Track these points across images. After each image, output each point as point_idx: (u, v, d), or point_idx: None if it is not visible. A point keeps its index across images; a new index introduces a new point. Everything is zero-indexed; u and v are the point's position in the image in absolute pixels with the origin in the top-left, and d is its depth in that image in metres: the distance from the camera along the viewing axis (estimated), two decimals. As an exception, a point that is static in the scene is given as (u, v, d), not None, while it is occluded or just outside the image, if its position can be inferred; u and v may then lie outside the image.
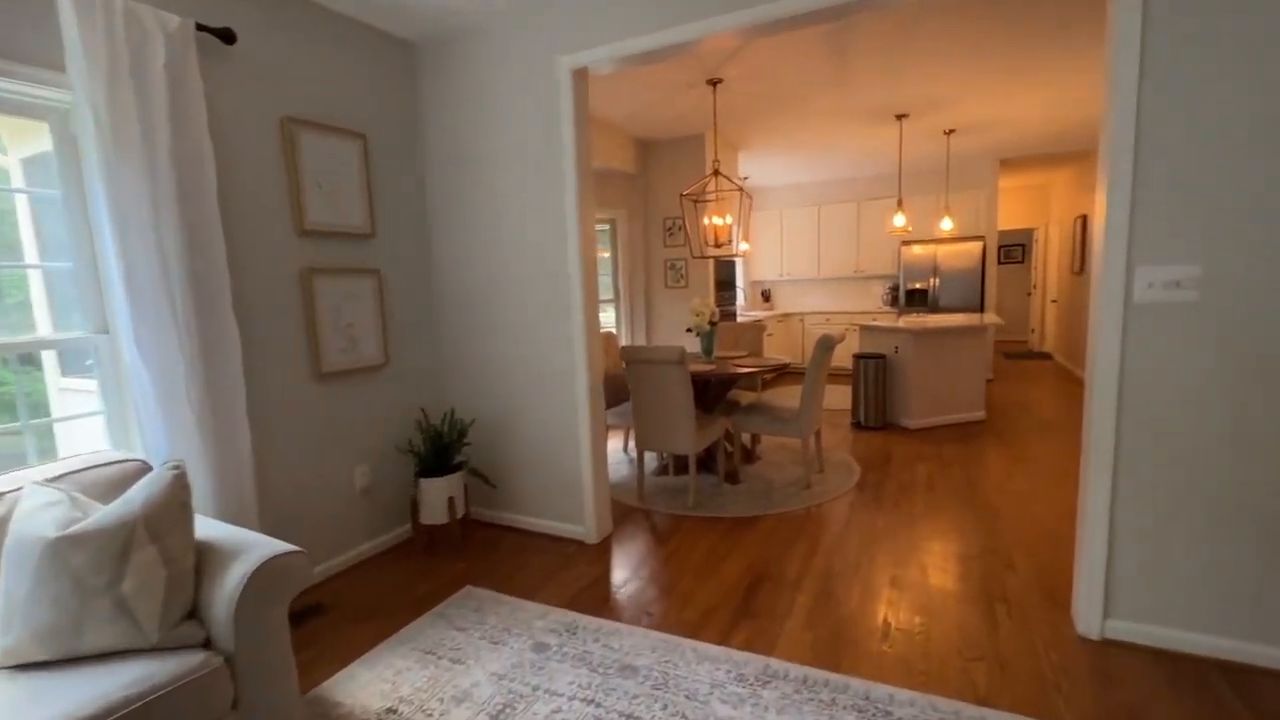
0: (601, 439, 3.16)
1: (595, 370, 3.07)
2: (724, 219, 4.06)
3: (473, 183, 3.18)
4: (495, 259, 3.18)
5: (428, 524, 3.03)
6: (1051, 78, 4.32)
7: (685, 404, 3.44)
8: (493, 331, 3.25)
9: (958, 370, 5.23)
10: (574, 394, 3.07)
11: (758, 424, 3.91)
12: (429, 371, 3.36)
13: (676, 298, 5.83)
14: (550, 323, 3.08)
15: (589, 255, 3.01)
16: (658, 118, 4.92)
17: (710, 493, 3.79)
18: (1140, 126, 1.92)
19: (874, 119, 5.22)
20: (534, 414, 3.20)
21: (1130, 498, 2.06)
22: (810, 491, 3.73)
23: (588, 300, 3.00)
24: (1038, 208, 9.65)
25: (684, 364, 3.36)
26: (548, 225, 3.01)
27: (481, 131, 3.11)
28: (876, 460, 4.35)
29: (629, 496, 3.78)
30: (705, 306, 4.09)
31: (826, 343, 3.66)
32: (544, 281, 3.07)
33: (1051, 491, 3.60)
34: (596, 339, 3.10)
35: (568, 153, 2.90)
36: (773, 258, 8.78)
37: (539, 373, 3.15)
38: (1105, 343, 2.03)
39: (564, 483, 3.18)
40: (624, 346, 3.53)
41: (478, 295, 3.26)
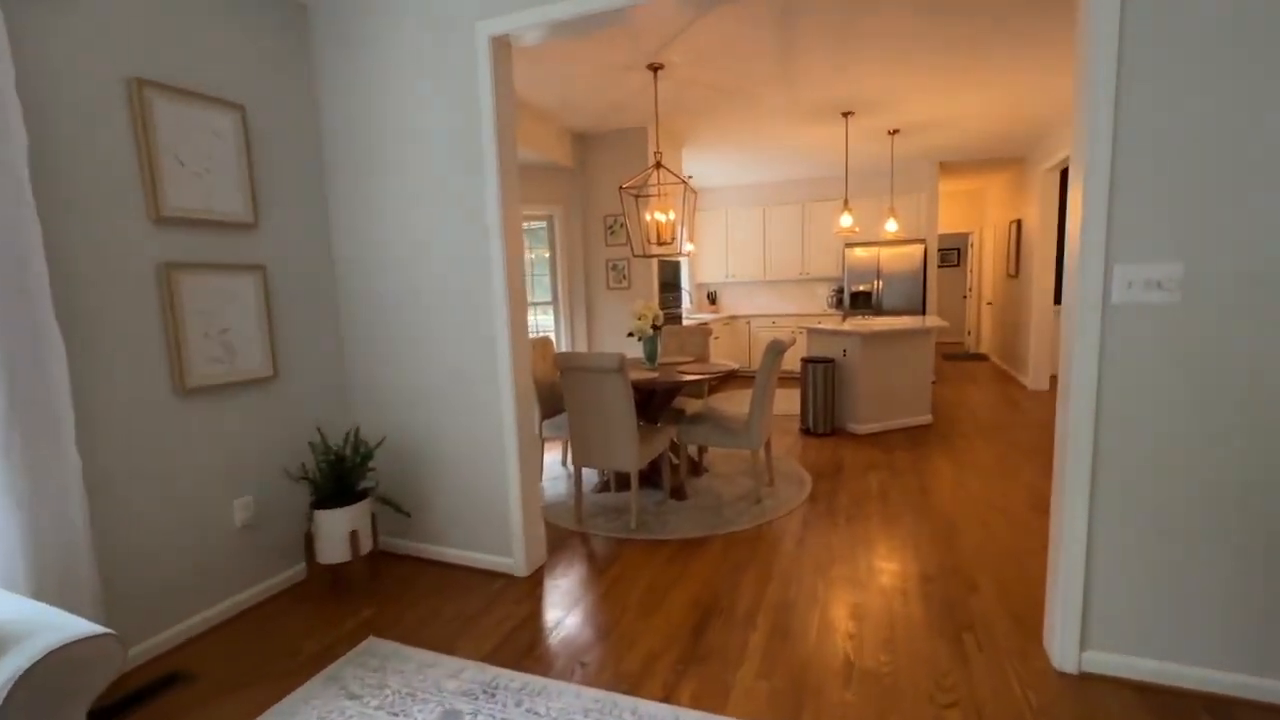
0: (532, 458, 2.81)
1: (523, 381, 2.72)
2: (666, 215, 3.78)
3: (381, 169, 2.77)
4: (408, 256, 2.78)
5: (327, 563, 2.59)
6: (996, 77, 4.25)
7: (626, 416, 3.13)
8: (406, 338, 2.85)
9: (905, 374, 5.14)
10: (498, 408, 2.70)
11: (705, 435, 3.64)
12: (332, 384, 2.92)
13: (619, 300, 5.52)
14: (471, 328, 2.71)
15: (514, 253, 2.66)
16: (595, 106, 4.60)
17: (655, 511, 3.49)
18: (1119, 114, 1.74)
19: (820, 116, 5.07)
20: (454, 431, 2.82)
21: (1109, 519, 1.88)
22: (761, 507, 3.49)
23: (513, 303, 2.65)
24: (973, 212, 9.88)
25: (624, 372, 3.05)
26: (467, 219, 2.64)
27: (390, 111, 2.71)
28: (828, 469, 4.16)
29: (566, 518, 3.44)
30: (648, 309, 3.80)
31: (776, 348, 3.43)
32: (463, 282, 2.69)
33: (1004, 499, 3.48)
34: (524, 346, 2.75)
35: (488, 136, 2.53)
36: (718, 259, 8.60)
37: (458, 385, 2.77)
38: (1081, 349, 1.84)
39: (489, 509, 2.80)
40: (559, 353, 3.18)
41: (389, 297, 2.85)
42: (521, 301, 2.71)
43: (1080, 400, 1.86)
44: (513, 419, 2.67)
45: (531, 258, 5.68)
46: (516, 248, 2.67)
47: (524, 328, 2.73)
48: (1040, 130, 5.90)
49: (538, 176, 5.33)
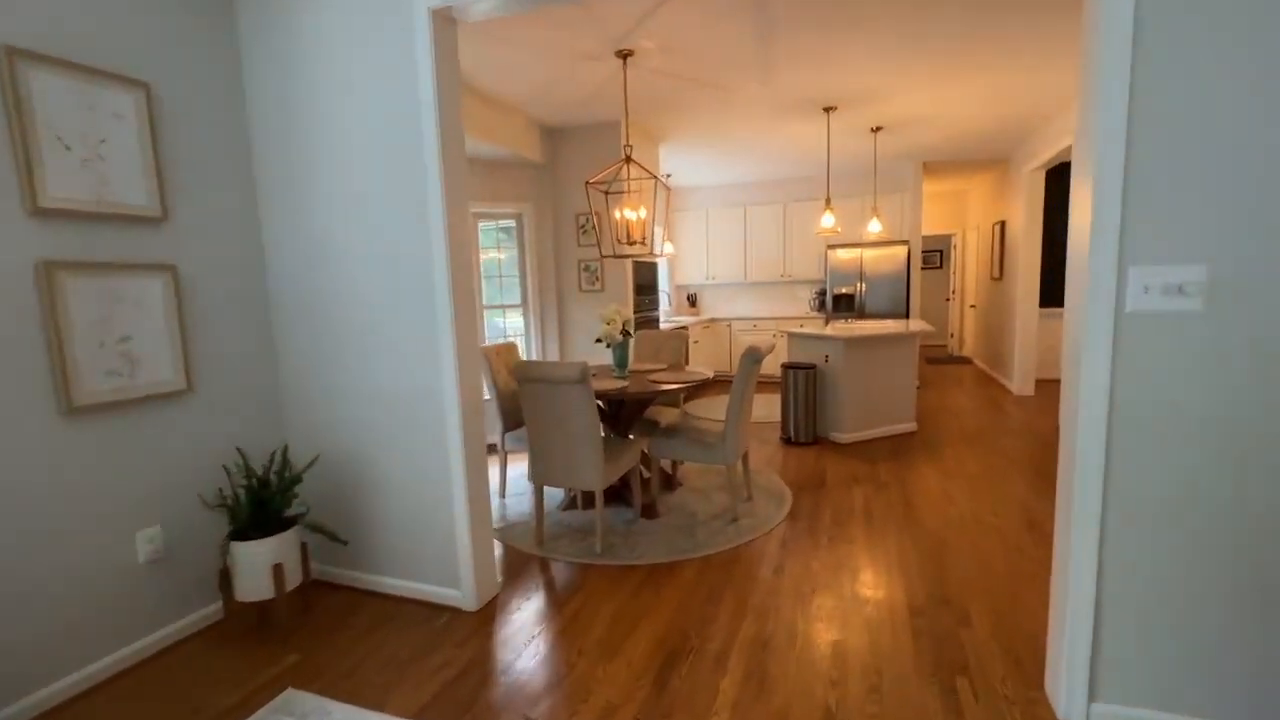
0: (482, 481, 2.54)
1: (471, 395, 2.44)
2: (638, 213, 3.53)
3: (315, 159, 2.48)
4: (345, 258, 2.49)
5: (247, 600, 2.29)
6: (982, 72, 4.06)
7: (590, 431, 2.87)
8: (344, 348, 2.56)
9: (889, 380, 4.94)
10: (443, 426, 2.43)
11: (678, 449, 3.39)
12: (260, 399, 2.62)
13: (592, 302, 5.25)
14: (412, 338, 2.43)
15: (460, 255, 2.38)
16: (564, 98, 4.34)
17: (623, 532, 3.23)
18: (1134, 95, 1.52)
19: (801, 111, 4.86)
20: (396, 450, 2.54)
21: (1123, 558, 1.66)
22: (738, 526, 3.24)
23: (459, 309, 2.37)
24: (955, 214, 9.76)
25: (586, 383, 2.79)
26: (407, 217, 2.36)
27: (323, 95, 2.42)
28: (809, 483, 3.93)
29: (526, 540, 3.16)
30: (616, 314, 3.54)
31: (754, 355, 3.19)
32: (402, 286, 2.41)
33: (994, 516, 3.27)
34: (472, 357, 2.47)
35: (429, 124, 2.26)
36: (698, 261, 8.38)
37: (400, 399, 2.49)
38: (1090, 366, 1.62)
39: (434, 537, 2.53)
40: (515, 363, 2.91)
41: (325, 301, 2.56)
42: (469, 308, 2.44)
43: (1088, 424, 1.63)
44: (459, 438, 2.40)
45: (501, 258, 5.40)
46: (463, 247, 2.40)
47: (472, 336, 2.46)
48: (1025, 130, 5.75)
49: (505, 172, 5.05)
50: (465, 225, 2.41)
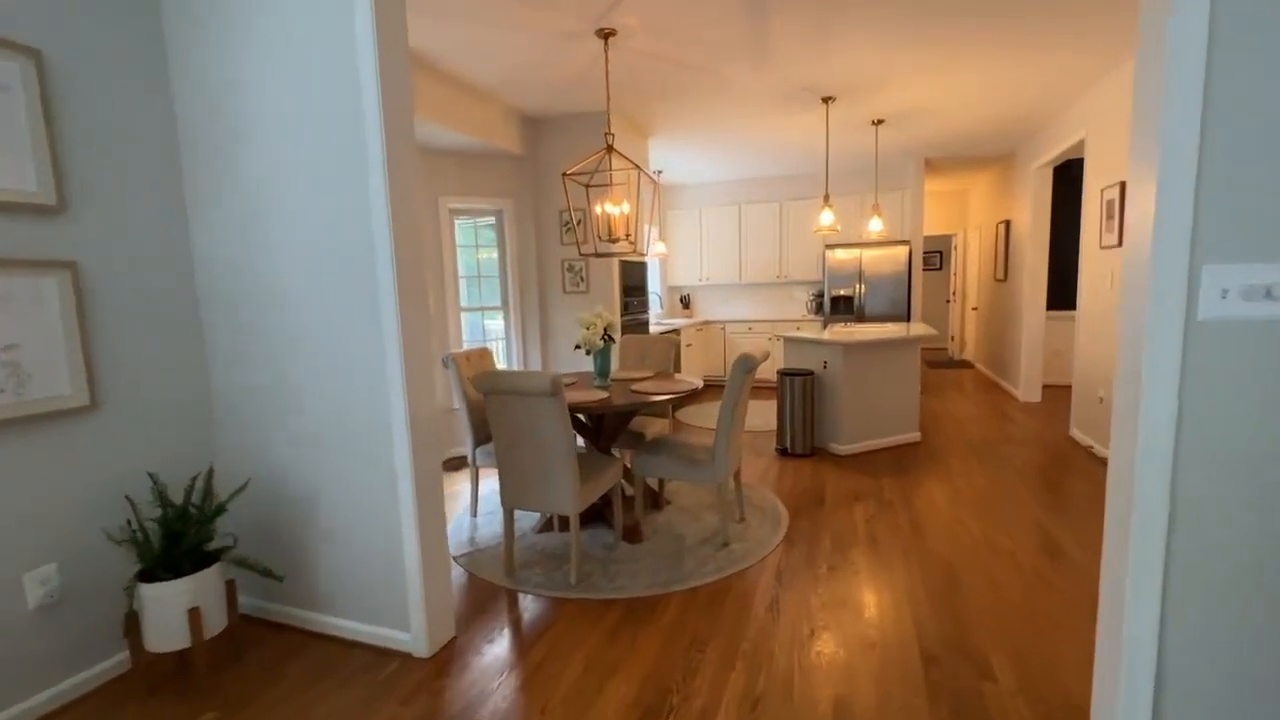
0: (434, 508, 2.23)
1: (421, 412, 2.14)
2: (620, 207, 3.24)
3: (247, 144, 2.17)
4: (282, 254, 2.19)
5: (158, 651, 1.98)
6: (991, 59, 3.78)
7: (563, 450, 2.56)
8: (279, 356, 2.25)
9: (891, 387, 4.65)
10: (390, 447, 2.12)
11: (663, 467, 3.09)
12: (187, 416, 2.30)
13: (576, 304, 4.95)
14: (355, 346, 2.12)
15: (408, 251, 2.08)
16: (543, 83, 4.04)
17: (603, 558, 2.93)
18: (1213, 59, 1.22)
19: (799, 101, 4.57)
20: (338, 472, 2.23)
21: (1190, 617, 1.36)
22: (729, 553, 2.94)
23: (407, 312, 2.07)
24: (956, 213, 9.50)
25: (559, 396, 2.48)
26: (347, 211, 2.06)
27: (252, 69, 2.11)
28: (807, 500, 3.64)
29: (494, 569, 2.86)
30: (597, 318, 3.24)
31: (745, 364, 2.89)
32: (343, 286, 2.11)
33: (1010, 540, 2.98)
34: (424, 366, 2.16)
35: (370, 105, 1.95)
36: (692, 261, 8.08)
37: (341, 414, 2.18)
38: (1151, 387, 1.32)
39: (381, 573, 2.22)
40: (477, 374, 2.61)
41: (259, 304, 2.26)
42: (419, 311, 2.13)
43: (1149, 461, 1.33)
44: (407, 460, 2.09)
45: (481, 258, 5.10)
46: (411, 242, 2.09)
47: (423, 343, 2.15)
48: (1033, 124, 5.47)
49: (482, 165, 4.74)
50: (413, 216, 2.10)
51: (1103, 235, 4.27)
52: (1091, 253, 4.51)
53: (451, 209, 4.71)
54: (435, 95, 3.77)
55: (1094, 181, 4.46)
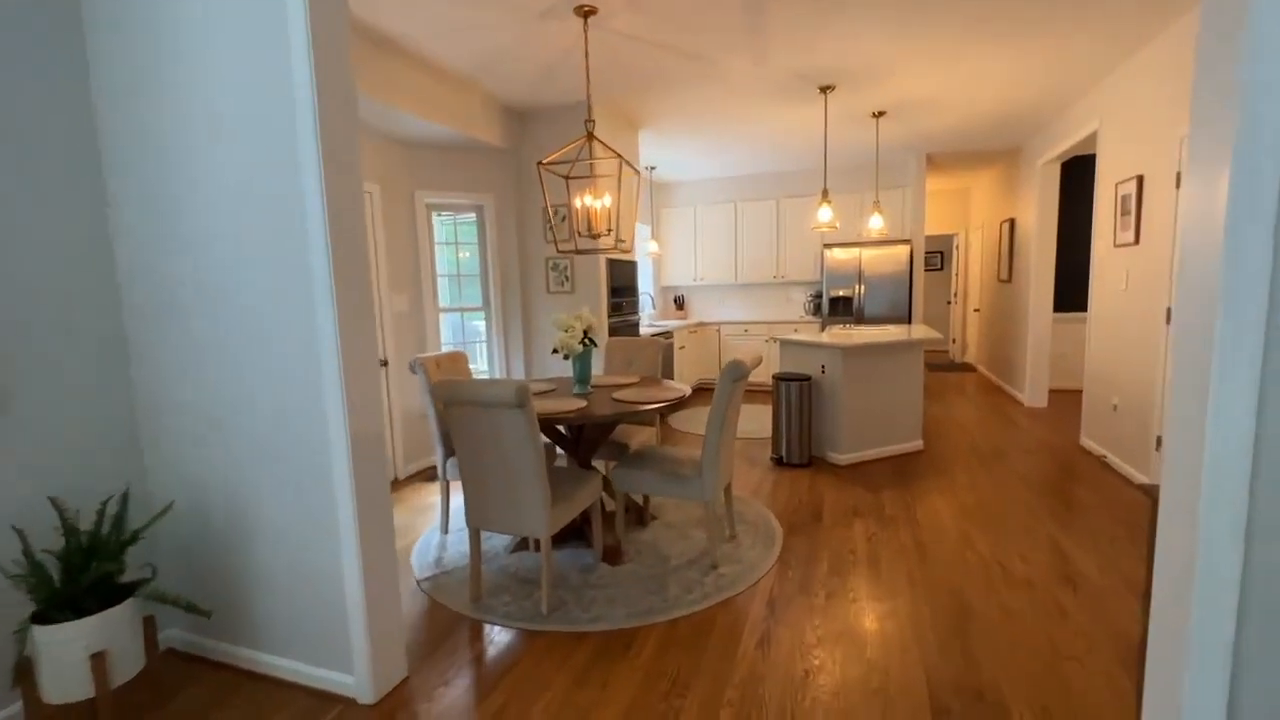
0: (381, 536, 1.97)
1: (365, 428, 1.88)
2: (602, 200, 2.99)
3: (170, 117, 1.92)
4: (208, 244, 1.93)
5: (57, 702, 1.73)
6: (999, 45, 3.53)
7: (531, 467, 2.31)
8: (207, 361, 2.00)
9: (892, 393, 4.41)
10: (328, 468, 1.87)
11: (646, 482, 2.84)
12: (102, 431, 2.05)
13: (561, 305, 4.70)
14: (289, 354, 1.87)
15: (347, 241, 1.82)
16: (521, 69, 3.79)
17: (579, 582, 2.68)
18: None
19: (796, 91, 4.32)
20: (272, 494, 1.98)
21: (1271, 679, 1.11)
22: (717, 576, 2.69)
23: (347, 317, 1.82)
24: (958, 213, 9.26)
25: (526, 408, 2.23)
26: (279, 202, 1.80)
27: (177, 41, 1.86)
28: (803, 516, 3.39)
29: (459, 595, 2.61)
30: (575, 320, 2.99)
31: (734, 372, 2.64)
32: (275, 288, 1.85)
33: (1023, 564, 2.73)
34: (368, 375, 1.91)
35: (301, 83, 1.70)
36: (686, 260, 7.83)
37: (274, 429, 1.93)
38: (1223, 403, 1.08)
39: (319, 606, 1.97)
40: (436, 382, 2.36)
41: (184, 301, 2.00)
42: (362, 315, 1.88)
43: (1220, 487, 1.09)
44: (348, 484, 1.84)
45: (464, 257, 4.85)
46: (351, 247, 1.84)
47: (367, 348, 1.90)
48: (1041, 117, 5.23)
49: (462, 158, 4.49)
50: (355, 205, 1.85)
51: (1117, 233, 4.02)
52: (1104, 252, 4.27)
53: (429, 204, 4.46)
54: (408, 81, 3.52)
55: (1107, 176, 4.22)
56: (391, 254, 4.19)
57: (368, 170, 3.98)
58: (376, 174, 4.05)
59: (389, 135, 4.03)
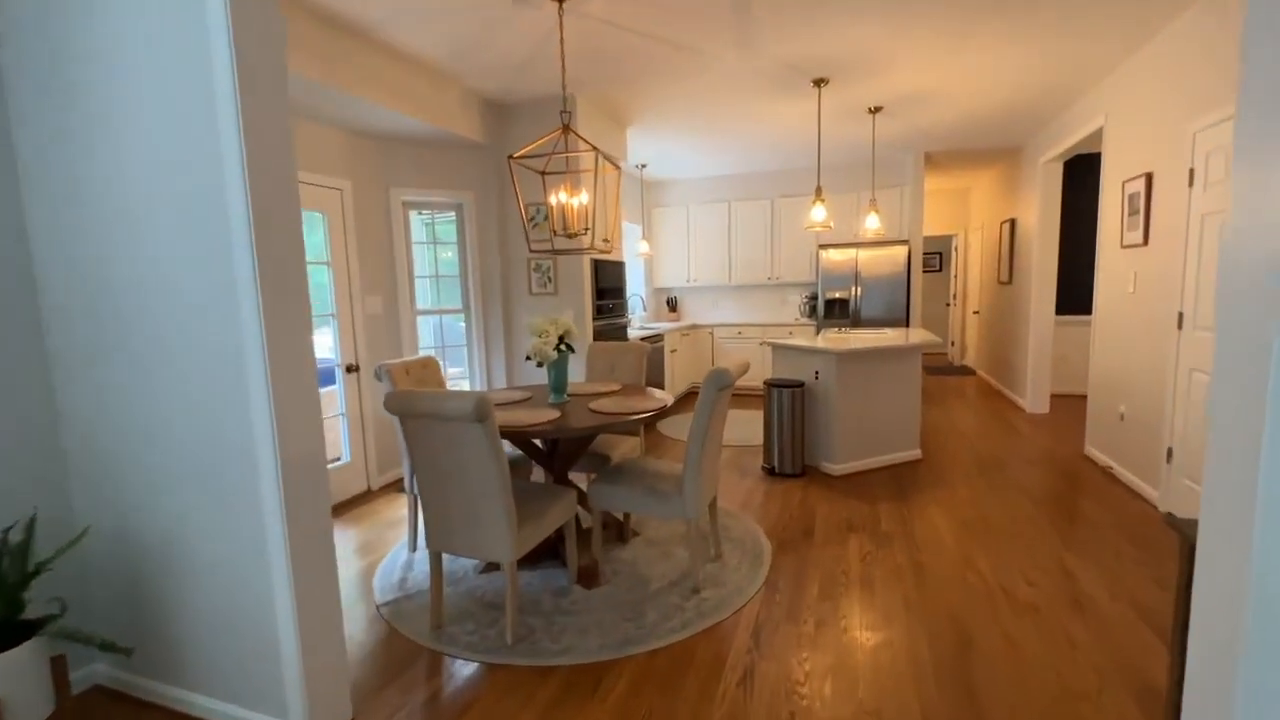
0: (320, 569, 1.78)
1: (300, 446, 1.69)
2: (578, 197, 2.80)
3: (86, 117, 1.73)
4: (122, 255, 1.74)
5: (-54, 756, 1.54)
6: (1002, 36, 3.35)
7: (494, 485, 2.12)
8: (131, 372, 1.81)
9: (889, 400, 4.22)
10: (256, 491, 1.68)
11: (623, 499, 2.65)
12: (11, 448, 1.85)
13: (544, 307, 4.51)
14: (212, 368, 1.68)
15: (275, 255, 1.63)
16: (498, 59, 3.60)
17: (550, 608, 2.48)
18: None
19: (788, 85, 4.14)
20: (198, 521, 1.78)
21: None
22: (699, 601, 2.50)
23: (276, 330, 1.62)
24: (957, 213, 9.09)
25: (487, 421, 2.04)
26: (198, 204, 1.61)
27: (94, 27, 1.67)
28: (793, 532, 3.20)
29: (420, 622, 2.41)
30: (551, 324, 2.80)
31: (718, 381, 2.45)
32: (198, 294, 1.66)
33: (1029, 588, 2.54)
34: (303, 388, 1.72)
35: (221, 68, 1.51)
36: (678, 261, 7.65)
37: (200, 450, 1.74)
38: (1279, 430, 0.89)
39: (250, 643, 1.77)
40: (389, 393, 2.16)
41: (106, 305, 1.81)
42: (294, 319, 1.69)
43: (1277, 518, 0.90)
44: (278, 511, 1.65)
45: (446, 257, 4.66)
46: (282, 243, 1.64)
47: (299, 361, 1.70)
48: (1044, 113, 5.05)
49: (440, 154, 4.31)
50: (286, 201, 1.66)
51: (1124, 233, 3.84)
52: (1110, 253, 4.09)
53: (406, 202, 4.27)
54: (379, 72, 3.33)
55: (1114, 173, 4.04)
56: (364, 254, 3.99)
57: (338, 166, 3.79)
58: (347, 170, 3.86)
59: (361, 129, 3.84)
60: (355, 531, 3.42)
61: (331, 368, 3.89)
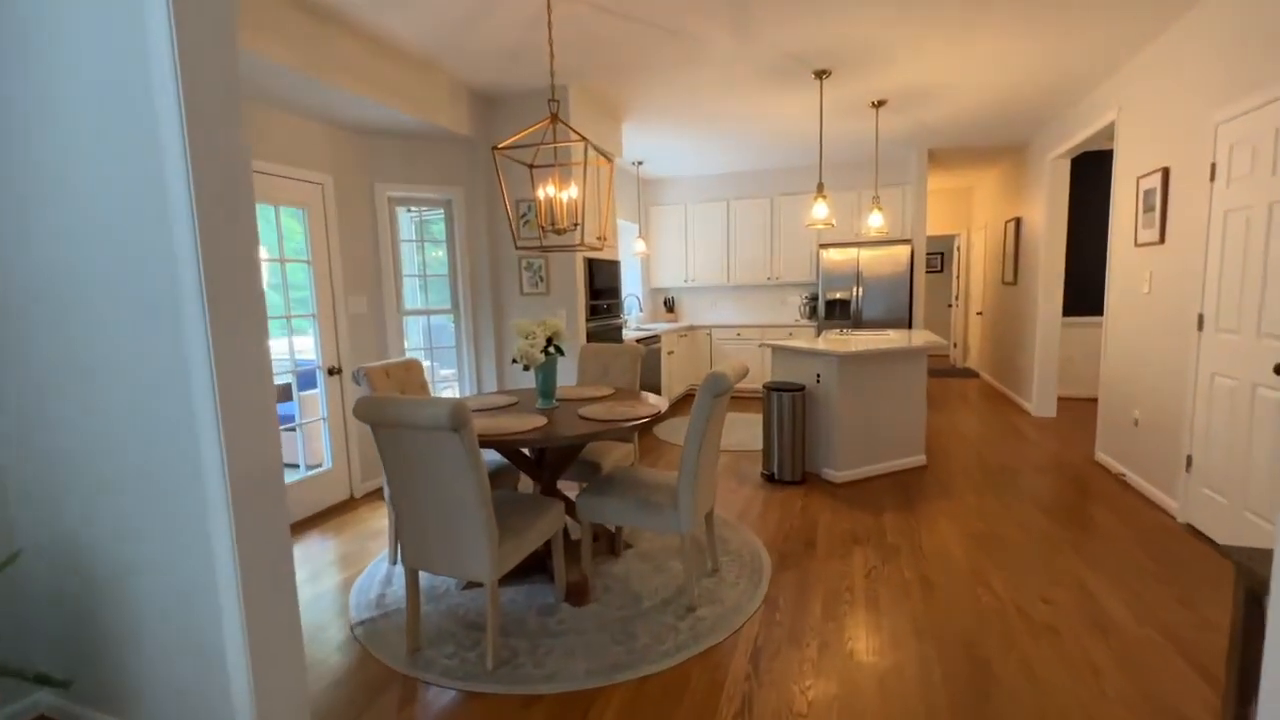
0: (277, 593, 1.62)
1: (251, 461, 1.53)
2: (568, 191, 2.65)
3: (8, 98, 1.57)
4: (53, 253, 1.58)
5: None
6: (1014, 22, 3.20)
7: (472, 499, 1.97)
8: (64, 379, 1.65)
9: (893, 404, 4.06)
10: (203, 513, 1.52)
11: (613, 511, 2.49)
12: (-55, 456, 1.70)
13: (536, 308, 4.35)
14: (153, 379, 1.52)
15: (222, 250, 1.47)
16: (485, 47, 3.44)
17: (535, 628, 2.32)
18: None
19: (789, 76, 3.98)
20: (141, 545, 1.62)
21: None
22: (695, 621, 2.35)
23: (224, 334, 1.46)
24: (959, 213, 8.94)
25: (464, 431, 1.88)
26: (137, 195, 1.45)
27: None
28: (795, 544, 3.04)
29: (396, 644, 2.25)
30: (538, 325, 2.65)
31: (716, 386, 2.30)
32: (134, 297, 1.50)
33: (1047, 607, 2.39)
34: (257, 400, 1.56)
35: (158, 35, 1.35)
36: (676, 261, 7.49)
37: (143, 467, 1.58)
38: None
39: (199, 678, 1.61)
40: (360, 399, 2.00)
41: (35, 318, 1.65)
42: (249, 330, 1.53)
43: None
44: (228, 536, 1.49)
45: (436, 256, 4.50)
46: (231, 238, 1.48)
47: (252, 368, 1.54)
48: (1052, 108, 4.90)
49: (427, 148, 4.15)
50: (237, 193, 1.50)
51: (1139, 231, 3.69)
52: (1123, 251, 3.94)
53: (392, 198, 4.11)
54: (360, 62, 3.17)
55: (1127, 170, 3.88)
56: (348, 251, 3.84)
57: (319, 160, 3.63)
58: (329, 164, 3.70)
59: (344, 122, 3.68)
60: (336, 542, 3.26)
61: (313, 370, 3.73)
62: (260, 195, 3.30)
